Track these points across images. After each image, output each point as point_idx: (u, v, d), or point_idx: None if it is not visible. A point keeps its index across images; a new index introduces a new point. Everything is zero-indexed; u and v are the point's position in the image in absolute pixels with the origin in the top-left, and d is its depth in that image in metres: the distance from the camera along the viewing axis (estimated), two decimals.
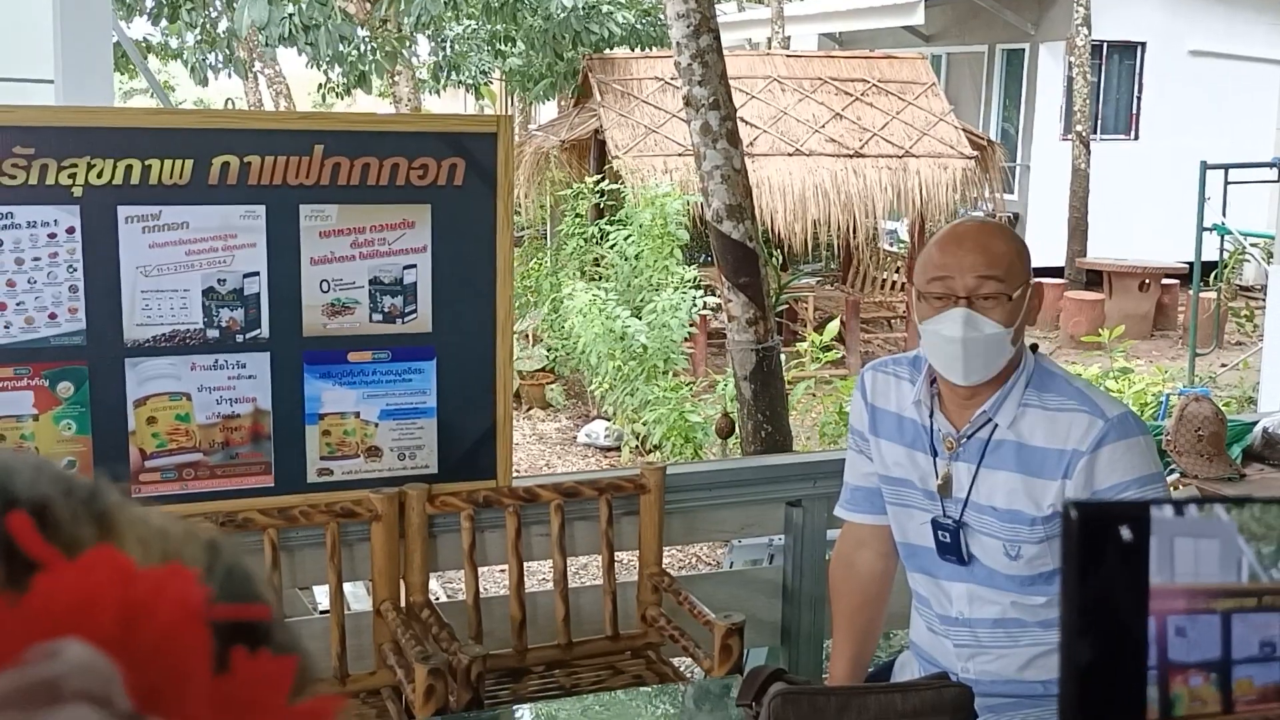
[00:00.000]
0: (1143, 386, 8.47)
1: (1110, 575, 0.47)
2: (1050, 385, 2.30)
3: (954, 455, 2.35)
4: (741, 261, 6.27)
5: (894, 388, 2.46)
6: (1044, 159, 16.34)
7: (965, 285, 2.24)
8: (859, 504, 2.60)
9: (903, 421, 2.44)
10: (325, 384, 3.09)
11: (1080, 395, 2.27)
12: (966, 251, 2.26)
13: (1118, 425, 2.21)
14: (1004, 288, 2.24)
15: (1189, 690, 0.47)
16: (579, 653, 3.30)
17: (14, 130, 2.77)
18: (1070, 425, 2.23)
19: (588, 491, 3.32)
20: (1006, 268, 2.25)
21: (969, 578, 2.36)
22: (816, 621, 3.55)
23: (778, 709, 1.97)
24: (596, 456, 9.48)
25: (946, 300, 2.25)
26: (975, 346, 2.23)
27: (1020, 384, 2.29)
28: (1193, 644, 0.47)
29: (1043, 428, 2.26)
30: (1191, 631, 0.47)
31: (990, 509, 2.30)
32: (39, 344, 2.85)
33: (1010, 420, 2.28)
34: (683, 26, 6.18)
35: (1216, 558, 0.48)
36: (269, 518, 3.03)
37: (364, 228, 3.06)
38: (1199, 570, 0.48)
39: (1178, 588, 0.47)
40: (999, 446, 2.29)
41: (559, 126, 14.20)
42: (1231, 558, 0.48)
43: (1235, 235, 11.84)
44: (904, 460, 2.43)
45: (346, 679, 3.10)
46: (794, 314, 12.43)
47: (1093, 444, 2.20)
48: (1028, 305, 2.28)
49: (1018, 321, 2.26)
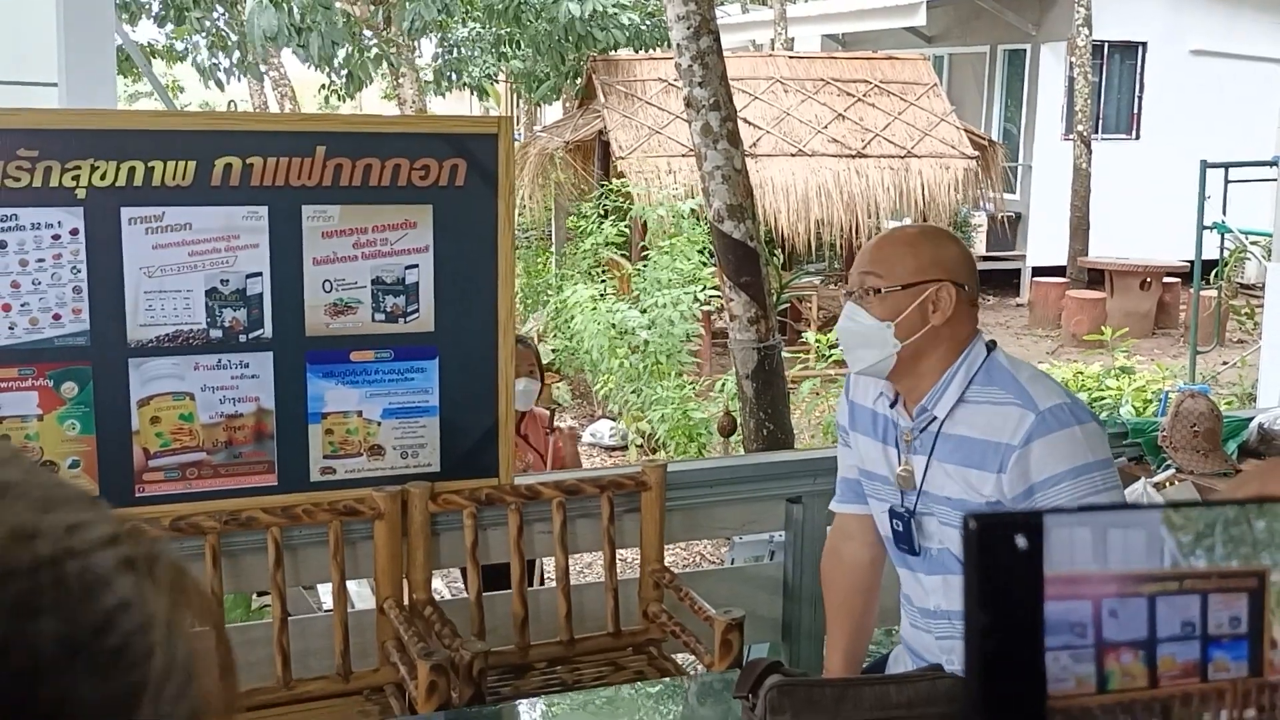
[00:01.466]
0: (1143, 384, 8.47)
1: (1007, 580, 0.51)
2: (995, 380, 2.34)
3: (910, 449, 2.42)
4: (743, 261, 6.29)
5: (871, 385, 2.54)
6: (1046, 159, 16.34)
7: (853, 283, 2.43)
8: (845, 495, 2.68)
9: (876, 417, 2.52)
10: (328, 383, 3.12)
11: (1018, 389, 2.30)
12: (863, 253, 2.48)
13: (1049, 417, 2.24)
14: (880, 282, 2.37)
15: (1120, 667, 0.51)
16: (581, 649, 3.33)
17: (18, 133, 2.79)
18: (1005, 419, 2.27)
19: (589, 489, 3.35)
20: (886, 266, 2.38)
21: (941, 568, 2.39)
22: (817, 617, 3.57)
23: (774, 700, 1.99)
24: (602, 456, 9.49)
25: (846, 296, 2.46)
26: (851, 337, 2.41)
27: (959, 378, 2.35)
28: (1123, 625, 0.52)
29: (981, 420, 2.31)
30: (1122, 613, 0.52)
31: (945, 499, 2.36)
32: (43, 345, 2.88)
33: (947, 412, 2.35)
34: (683, 28, 6.20)
35: (1144, 546, 0.52)
36: (272, 516, 3.05)
37: (366, 228, 3.08)
38: (1128, 559, 0.52)
39: (1111, 575, 0.51)
40: (946, 440, 2.35)
41: (563, 128, 14.22)
42: (1156, 546, 0.52)
43: (1236, 233, 11.83)
44: (877, 454, 2.51)
45: (350, 676, 3.12)
46: (797, 313, 12.45)
47: (1024, 438, 2.23)
48: (925, 303, 2.35)
49: (902, 316, 2.35)
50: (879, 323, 2.36)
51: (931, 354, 2.36)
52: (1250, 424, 4.24)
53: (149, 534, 0.56)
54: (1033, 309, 14.72)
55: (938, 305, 2.35)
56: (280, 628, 3.05)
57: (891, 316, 2.35)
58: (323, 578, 3.36)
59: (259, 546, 3.07)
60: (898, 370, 2.38)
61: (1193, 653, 0.52)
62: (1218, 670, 0.52)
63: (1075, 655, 0.51)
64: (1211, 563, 0.53)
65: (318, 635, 3.19)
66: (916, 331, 2.35)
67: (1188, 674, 0.52)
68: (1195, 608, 0.52)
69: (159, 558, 0.55)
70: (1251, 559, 0.53)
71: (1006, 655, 0.51)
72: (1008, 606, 0.51)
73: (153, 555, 0.55)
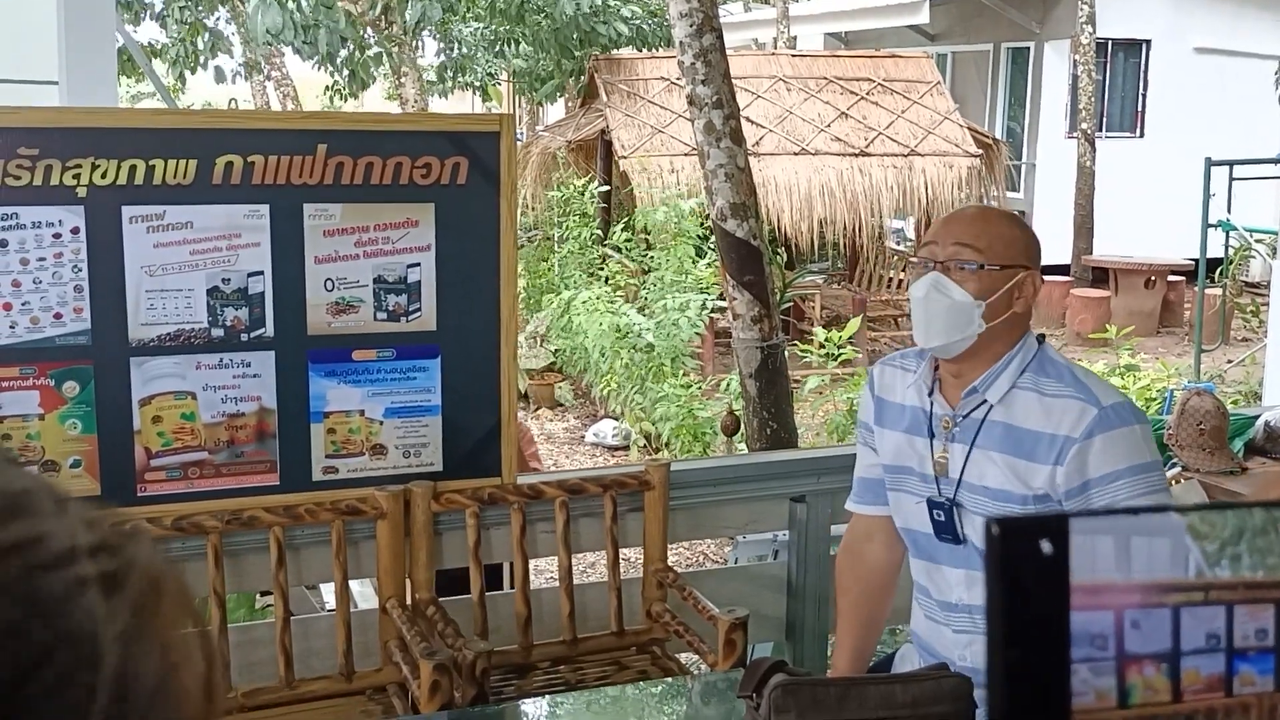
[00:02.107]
0: (1148, 382, 8.46)
1: (1032, 585, 0.49)
2: (1049, 371, 2.31)
3: (950, 436, 2.37)
4: (746, 260, 6.28)
5: (899, 379, 2.50)
6: (1049, 157, 16.33)
7: (944, 252, 2.32)
8: (864, 496, 2.63)
9: (905, 410, 2.47)
10: (330, 382, 3.11)
11: (1077, 383, 2.28)
12: (956, 224, 2.37)
13: (1112, 413, 2.22)
14: (980, 258, 2.29)
15: (1143, 680, 0.50)
16: (584, 648, 3.32)
17: (19, 131, 2.79)
18: (1064, 411, 2.24)
19: (592, 488, 3.34)
20: (988, 242, 2.30)
21: (966, 562, 2.37)
22: (821, 617, 3.56)
23: (778, 700, 1.98)
24: (604, 456, 9.48)
25: (928, 266, 2.33)
26: (936, 309, 2.29)
27: (1014, 365, 2.31)
28: (1146, 636, 0.50)
29: (1036, 411, 2.27)
30: (1145, 625, 0.50)
31: (983, 489, 2.32)
32: (44, 344, 2.87)
33: (1000, 398, 2.30)
34: (686, 26, 6.19)
35: (1167, 555, 0.50)
36: (274, 516, 3.04)
37: (368, 226, 3.07)
38: (1152, 567, 0.50)
39: (1134, 584, 0.50)
40: (992, 428, 2.31)
41: (565, 127, 14.22)
42: (1180, 555, 0.51)
43: (1240, 231, 11.83)
44: (904, 446, 2.46)
45: (353, 676, 3.11)
46: (801, 312, 12.44)
47: (1086, 431, 2.20)
48: (1014, 288, 2.30)
49: (993, 297, 2.28)
50: (970, 299, 2.28)
51: (998, 340, 2.31)
52: (1256, 422, 4.23)
53: (123, 540, 0.53)
54: (1036, 307, 14.65)
55: (1023, 292, 2.31)
56: (283, 627, 3.04)
57: (984, 296, 2.28)
58: (325, 577, 3.35)
59: (261, 546, 3.06)
60: (966, 352, 2.31)
61: (1218, 666, 0.51)
62: (1243, 684, 0.51)
63: (1095, 668, 0.50)
64: (1237, 573, 0.51)
65: (320, 635, 3.19)
66: (1001, 315, 2.30)
67: (1212, 688, 0.51)
68: (1221, 619, 0.51)
69: (129, 570, 0.52)
70: (1278, 570, 0.52)
71: (1031, 665, 0.49)
72: (1032, 615, 0.49)
73: (119, 568, 0.51)
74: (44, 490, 0.53)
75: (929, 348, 2.35)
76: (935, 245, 2.34)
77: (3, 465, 0.53)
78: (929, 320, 2.30)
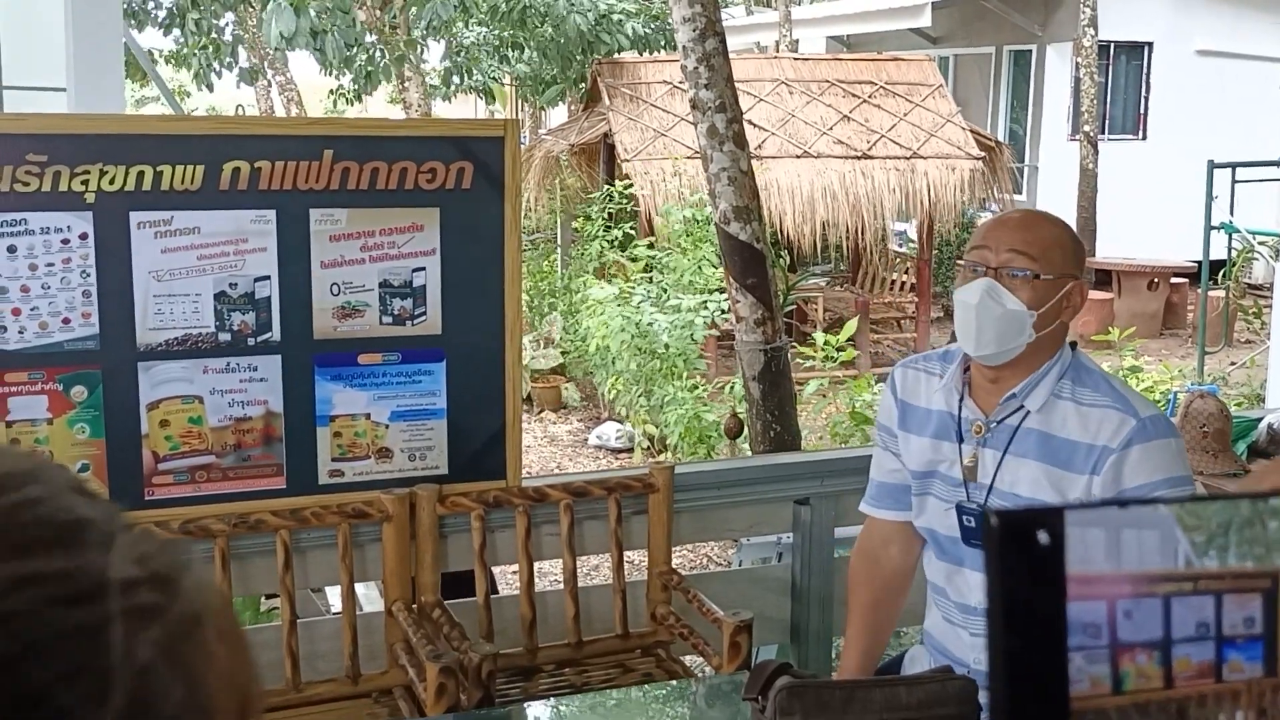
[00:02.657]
0: (1151, 385, 8.46)
1: (1030, 576, 0.51)
2: (1086, 381, 2.30)
3: (981, 441, 2.35)
4: (749, 262, 6.29)
5: (924, 383, 2.47)
6: (1052, 159, 16.34)
7: (997, 259, 2.28)
8: (883, 500, 2.61)
9: (931, 414, 2.44)
10: (336, 386, 3.12)
11: (1115, 394, 2.27)
12: (1008, 229, 2.32)
13: (1150, 425, 2.21)
14: (1035, 267, 2.26)
15: (1136, 668, 0.52)
16: (589, 651, 3.33)
17: (27, 138, 2.80)
18: (1102, 421, 2.23)
19: (597, 491, 3.35)
20: (1042, 251, 2.27)
21: None
22: (825, 619, 3.57)
23: (783, 702, 2.00)
24: (608, 458, 9.49)
25: (978, 272, 2.30)
26: (989, 316, 2.25)
27: (1053, 374, 2.30)
28: (1138, 625, 0.52)
29: (1074, 420, 2.25)
30: (1137, 614, 0.52)
31: (1013, 496, 2.29)
32: (53, 349, 2.89)
33: (1040, 406, 2.28)
34: (689, 30, 6.21)
35: (1157, 546, 0.52)
36: (281, 519, 3.05)
37: (373, 231, 3.09)
38: (1142, 559, 0.52)
39: (1126, 575, 0.52)
40: (1027, 435, 2.29)
41: (568, 131, 14.22)
42: (1170, 547, 0.52)
43: (1243, 233, 11.83)
44: (930, 451, 2.43)
45: (359, 678, 3.13)
46: (804, 315, 12.45)
47: (1123, 442, 2.19)
48: (1063, 298, 2.28)
49: (1045, 307, 2.26)
50: (1024, 308, 2.25)
51: (1043, 350, 2.30)
52: (1260, 424, 4.23)
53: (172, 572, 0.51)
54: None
55: (1070, 302, 2.30)
56: (289, 630, 3.05)
57: (1037, 305, 2.25)
58: (331, 580, 3.36)
59: (268, 549, 3.07)
60: (1012, 360, 2.29)
61: (1208, 653, 0.52)
62: (1233, 671, 0.53)
63: (1089, 656, 0.51)
64: (1225, 563, 0.53)
65: (326, 638, 3.20)
66: (1050, 325, 2.28)
67: (1203, 675, 0.52)
68: (1210, 608, 0.53)
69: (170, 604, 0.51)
70: (1265, 560, 0.53)
71: (1030, 654, 0.51)
72: (1031, 605, 0.51)
73: (157, 603, 0.50)
74: (101, 521, 0.52)
75: (978, 355, 2.31)
76: (988, 250, 2.30)
77: (65, 492, 0.52)
78: (980, 328, 2.27)
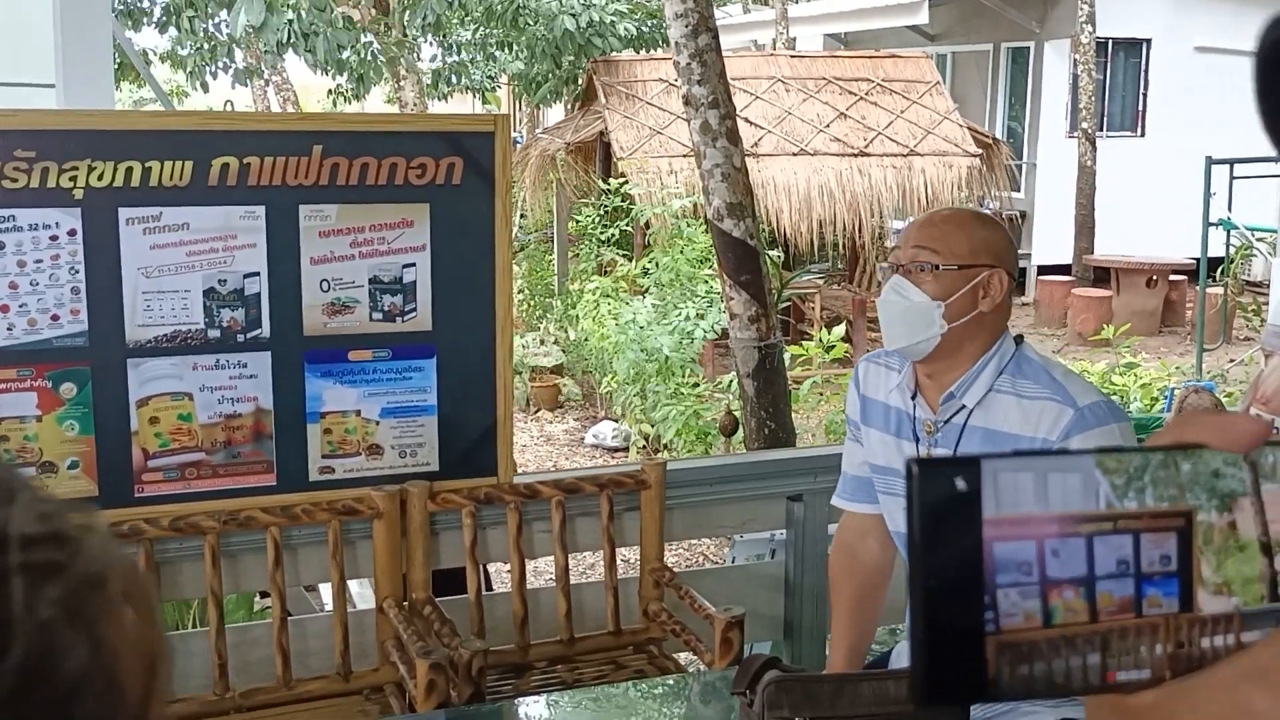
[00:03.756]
0: (1150, 381, 8.46)
1: (947, 519, 0.55)
2: (1027, 373, 2.32)
3: (933, 441, 2.38)
4: (743, 259, 6.28)
5: (883, 378, 2.50)
6: (1050, 157, 16.32)
7: (905, 256, 2.35)
8: (857, 494, 2.63)
9: (889, 410, 2.47)
10: (326, 383, 3.12)
11: (1055, 384, 2.28)
12: (915, 228, 2.40)
13: (1089, 414, 2.22)
14: (935, 259, 2.31)
15: (1064, 602, 0.55)
16: (581, 648, 3.32)
17: (15, 134, 2.80)
18: (1041, 413, 2.25)
19: (589, 488, 3.34)
20: (945, 243, 2.32)
21: None
22: (818, 616, 3.56)
23: (771, 696, 1.99)
24: (604, 457, 9.48)
25: (892, 270, 2.38)
26: (895, 310, 2.32)
27: (990, 368, 2.32)
28: (1064, 563, 0.55)
29: (1015, 414, 2.28)
30: (1063, 552, 0.55)
31: None
32: (41, 345, 2.88)
33: (979, 401, 2.31)
34: (681, 26, 6.20)
35: (1080, 489, 0.56)
36: (271, 516, 3.05)
37: (363, 227, 3.08)
38: (1066, 501, 0.56)
39: (1053, 516, 0.55)
40: (972, 433, 2.31)
41: (564, 129, 14.21)
42: (1091, 489, 0.56)
43: (1242, 230, 11.82)
44: (891, 448, 2.46)
45: (350, 675, 3.12)
46: (800, 313, 12.44)
47: (1063, 433, 2.21)
48: (977, 288, 2.31)
49: (954, 297, 2.29)
50: (930, 300, 2.30)
51: (970, 341, 2.32)
52: None
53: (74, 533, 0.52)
54: (1038, 308, 14.69)
55: (988, 291, 2.32)
56: (280, 627, 3.04)
57: (943, 296, 2.30)
58: (322, 577, 3.35)
59: (258, 546, 3.06)
60: (934, 354, 2.33)
61: (1128, 589, 0.56)
62: (1151, 606, 0.56)
63: (1023, 592, 0.55)
64: (1142, 504, 0.56)
65: (317, 635, 3.19)
66: (964, 315, 2.31)
67: (1124, 609, 0.55)
68: (1129, 547, 0.56)
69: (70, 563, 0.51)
70: (1178, 500, 0.57)
71: (946, 593, 0.54)
72: (949, 544, 0.54)
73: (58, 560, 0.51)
74: (2, 479, 0.53)
75: (896, 349, 2.37)
76: (898, 249, 2.39)
77: None
78: (889, 322, 2.35)
